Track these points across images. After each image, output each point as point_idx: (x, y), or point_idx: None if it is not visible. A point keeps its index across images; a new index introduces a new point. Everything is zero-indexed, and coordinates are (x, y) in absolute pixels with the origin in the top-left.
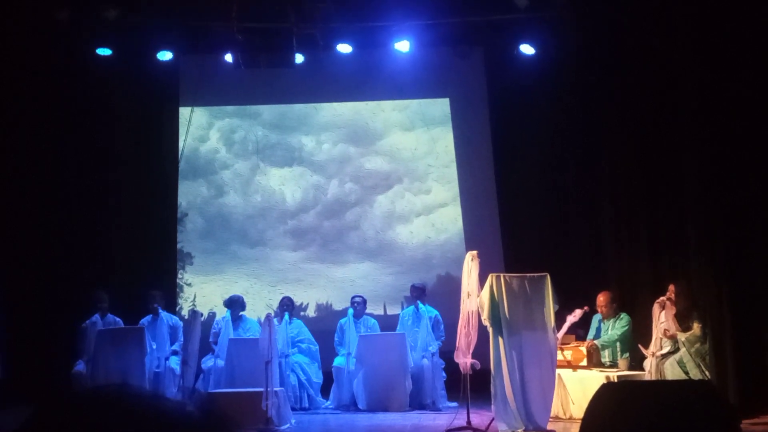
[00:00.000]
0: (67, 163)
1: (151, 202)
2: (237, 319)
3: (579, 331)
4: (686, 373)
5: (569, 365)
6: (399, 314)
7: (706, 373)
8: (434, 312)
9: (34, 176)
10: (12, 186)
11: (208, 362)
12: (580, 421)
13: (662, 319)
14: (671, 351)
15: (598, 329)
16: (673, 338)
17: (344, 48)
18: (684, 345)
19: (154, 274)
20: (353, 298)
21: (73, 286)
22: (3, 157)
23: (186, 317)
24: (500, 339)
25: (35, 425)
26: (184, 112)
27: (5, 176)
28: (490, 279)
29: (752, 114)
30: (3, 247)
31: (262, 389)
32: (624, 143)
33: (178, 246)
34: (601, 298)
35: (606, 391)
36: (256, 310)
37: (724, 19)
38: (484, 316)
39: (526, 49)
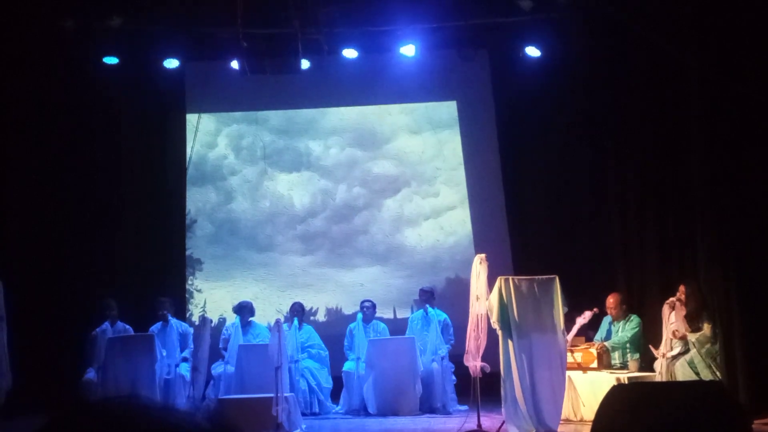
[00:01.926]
0: (75, 171)
1: (160, 208)
2: (246, 324)
3: (589, 332)
4: (697, 374)
5: (579, 367)
6: (408, 318)
7: (717, 373)
8: (443, 315)
9: (42, 185)
10: (20, 194)
11: (218, 368)
12: (590, 423)
13: (672, 320)
14: (682, 352)
15: (609, 331)
16: (684, 339)
17: (350, 53)
18: (694, 346)
19: (164, 281)
20: (363, 302)
21: (83, 294)
22: (11, 165)
23: (196, 323)
24: (510, 342)
25: None
26: (191, 118)
27: (13, 185)
28: (499, 282)
29: (759, 114)
30: (12, 255)
31: (272, 395)
32: (631, 144)
33: (188, 252)
34: (611, 300)
35: (616, 392)
36: (266, 315)
37: (730, 20)
38: (494, 319)
39: (532, 51)
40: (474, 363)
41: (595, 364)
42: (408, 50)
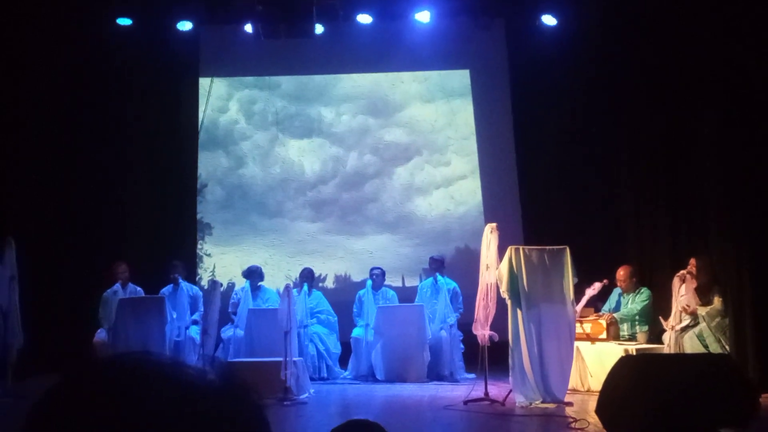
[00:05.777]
0: (87, 133)
1: (171, 172)
2: (256, 289)
3: (598, 304)
4: (706, 346)
5: (588, 338)
6: (417, 286)
7: (726, 347)
8: (453, 284)
9: (55, 146)
10: (33, 156)
11: (227, 332)
12: (598, 393)
13: (682, 292)
14: (690, 324)
15: (618, 302)
16: (693, 314)
17: (364, 18)
18: (704, 319)
19: (174, 245)
20: (372, 269)
21: (95, 256)
22: (23, 128)
23: (205, 287)
24: (519, 311)
25: (56, 393)
26: (203, 82)
27: (26, 147)
28: (509, 251)
29: None
30: (25, 215)
31: (281, 359)
32: (645, 115)
33: (198, 216)
34: (621, 272)
35: (624, 363)
36: (275, 280)
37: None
38: (503, 289)
39: (548, 19)
40: (482, 332)
41: (603, 335)
42: (423, 17)
